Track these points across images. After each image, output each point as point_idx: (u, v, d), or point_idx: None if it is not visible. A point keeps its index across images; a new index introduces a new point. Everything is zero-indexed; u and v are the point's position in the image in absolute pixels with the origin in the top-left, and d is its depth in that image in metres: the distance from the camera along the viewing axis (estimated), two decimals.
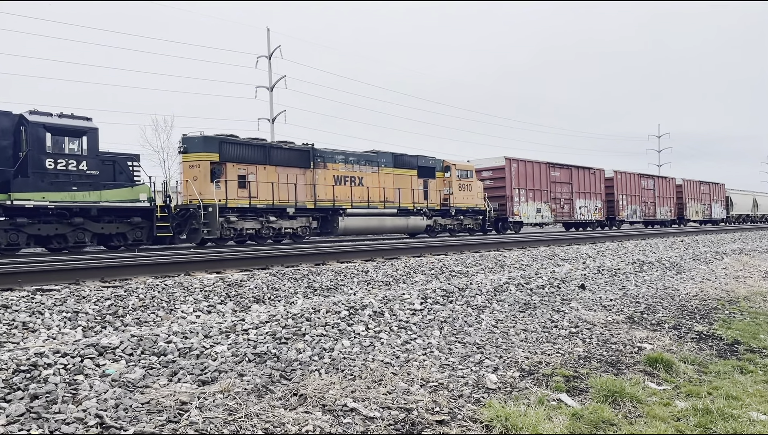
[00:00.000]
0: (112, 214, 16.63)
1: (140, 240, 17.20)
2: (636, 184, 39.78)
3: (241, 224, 19.00)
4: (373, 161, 23.88)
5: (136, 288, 7.67)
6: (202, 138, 18.84)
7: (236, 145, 19.43)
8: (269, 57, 38.33)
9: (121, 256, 12.55)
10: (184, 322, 6.17)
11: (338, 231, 21.73)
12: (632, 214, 39.13)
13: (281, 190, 20.25)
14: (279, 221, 20.10)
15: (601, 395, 4.32)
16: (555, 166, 32.95)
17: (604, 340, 6.17)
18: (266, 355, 4.78)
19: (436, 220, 26.08)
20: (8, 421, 3.32)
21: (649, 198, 41.20)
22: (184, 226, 18.31)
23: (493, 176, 30.05)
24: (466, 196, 27.38)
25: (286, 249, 14.34)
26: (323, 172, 21.77)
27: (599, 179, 36.12)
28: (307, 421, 3.52)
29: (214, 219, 17.78)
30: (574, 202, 33.83)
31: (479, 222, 28.05)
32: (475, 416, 3.80)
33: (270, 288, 8.38)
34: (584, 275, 10.38)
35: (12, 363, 4.05)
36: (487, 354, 5.30)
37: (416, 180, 25.42)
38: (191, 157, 18.77)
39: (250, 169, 19.57)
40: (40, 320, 5.92)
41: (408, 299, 6.98)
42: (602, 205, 36.20)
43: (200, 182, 18.44)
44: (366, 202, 23.07)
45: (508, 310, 7.22)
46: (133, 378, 4.09)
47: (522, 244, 18.03)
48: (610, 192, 37.34)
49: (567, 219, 33.59)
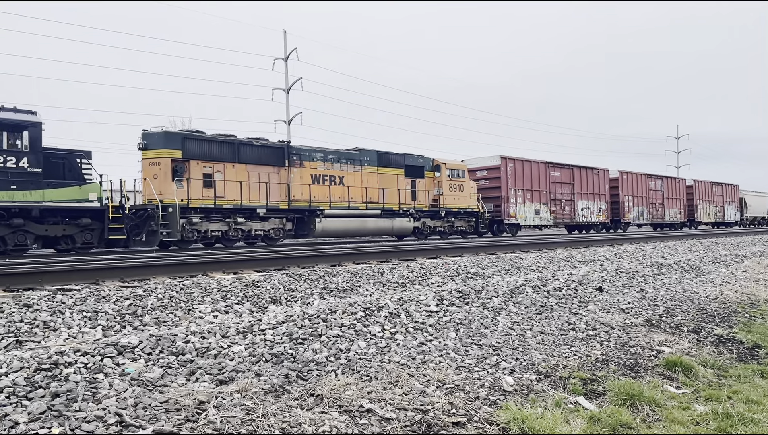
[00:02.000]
0: (57, 215, 15.35)
1: (90, 243, 15.89)
2: (643, 184, 38.43)
3: (206, 226, 17.88)
4: (356, 159, 22.63)
5: (155, 288, 7.75)
6: (163, 133, 17.65)
7: (201, 141, 18.22)
8: (285, 59, 38.49)
9: (139, 256, 12.68)
10: (202, 322, 6.23)
11: (315, 233, 20.59)
12: (639, 216, 37.77)
13: (252, 190, 19.05)
14: (248, 223, 19.00)
15: (619, 398, 4.28)
16: (555, 165, 31.66)
17: (622, 343, 6.11)
18: (283, 355, 4.81)
19: (425, 222, 24.87)
20: (30, 419, 3.37)
21: (657, 199, 39.89)
22: (142, 228, 17.02)
23: (488, 176, 28.81)
24: (458, 196, 26.05)
25: (302, 250, 14.39)
26: (299, 171, 20.58)
27: (603, 180, 34.86)
28: (323, 421, 3.53)
29: (174, 220, 16.64)
30: (576, 203, 32.60)
31: (472, 224, 26.77)
32: (491, 418, 3.79)
33: (286, 289, 8.42)
34: (602, 278, 10.30)
35: (34, 361, 4.11)
36: (503, 356, 5.28)
37: (403, 179, 24.14)
38: (151, 154, 17.49)
39: (216, 167, 18.35)
40: (61, 319, 6.01)
41: (424, 301, 6.97)
42: (606, 206, 34.94)
43: (160, 181, 17.22)
44: (346, 203, 21.79)
45: (525, 312, 7.18)
46: (152, 377, 4.13)
47: (514, 247, 17.90)
48: (615, 193, 35.94)
49: (568, 221, 32.39)
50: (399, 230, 23.76)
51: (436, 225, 25.34)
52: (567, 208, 32.04)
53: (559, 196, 31.56)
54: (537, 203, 29.97)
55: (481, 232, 27.05)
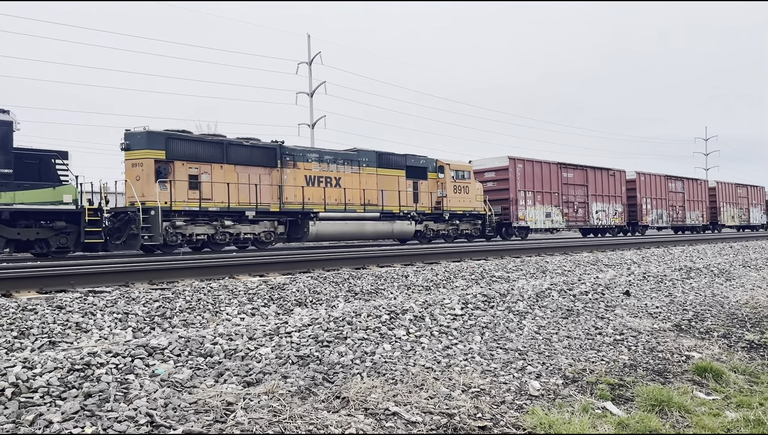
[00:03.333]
0: (30, 218, 14.81)
1: (66, 247, 15.33)
2: (662, 186, 37.13)
3: (191, 229, 17.20)
4: (353, 160, 21.75)
5: (183, 290, 7.86)
6: (146, 133, 16.83)
7: (187, 141, 17.51)
8: (309, 63, 38.77)
9: (167, 259, 12.87)
10: (229, 324, 6.31)
11: (309, 237, 19.81)
12: (658, 218, 36.51)
13: (241, 192, 18.35)
14: (237, 226, 18.26)
15: (648, 404, 4.23)
16: (567, 166, 30.61)
17: (650, 348, 6.04)
18: (309, 357, 4.85)
19: (427, 225, 23.93)
20: (63, 419, 3.44)
21: (678, 202, 38.58)
22: (124, 232, 16.46)
23: (496, 178, 27.83)
24: (462, 198, 25.09)
25: (327, 253, 14.47)
26: (293, 172, 19.82)
27: (619, 181, 33.65)
28: (349, 423, 3.56)
29: (156, 223, 15.99)
30: (590, 205, 31.46)
31: (478, 227, 25.76)
32: (518, 423, 3.78)
33: (312, 291, 8.48)
34: (629, 281, 10.17)
35: (67, 362, 4.20)
36: (529, 360, 5.25)
37: (404, 181, 23.16)
38: (133, 154, 16.83)
39: (203, 169, 17.65)
40: (93, 321, 6.13)
41: (448, 304, 6.97)
42: (623, 209, 33.77)
43: (143, 183, 16.57)
44: (343, 205, 20.95)
45: (551, 316, 7.13)
46: (181, 378, 4.20)
47: (538, 250, 17.74)
48: (632, 195, 34.70)
49: (582, 224, 31.38)
50: (399, 234, 22.90)
51: (439, 228, 24.45)
52: (580, 210, 31.07)
53: (572, 199, 30.59)
54: (548, 205, 28.99)
55: (489, 236, 26.23)
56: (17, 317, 6.01)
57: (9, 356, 4.96)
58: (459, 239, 25.15)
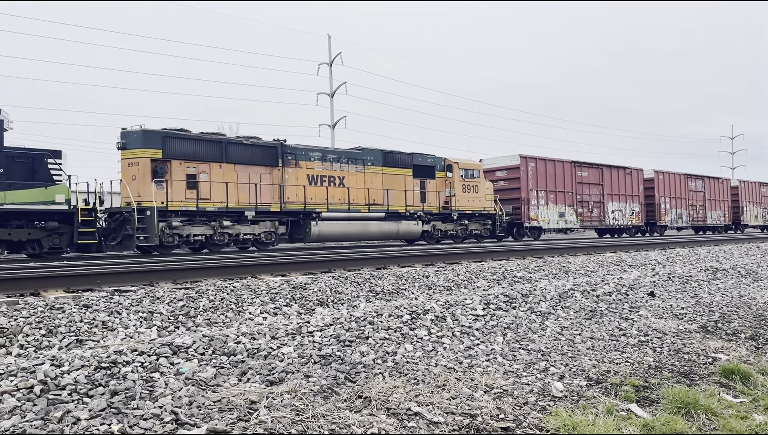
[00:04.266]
0: (21, 218, 14.59)
1: (59, 248, 15.12)
2: (682, 185, 36.23)
3: (188, 230, 16.88)
4: (358, 159, 21.32)
5: (207, 290, 7.94)
6: (142, 132, 16.51)
7: (184, 140, 17.17)
8: (330, 64, 38.92)
9: (191, 258, 13.01)
10: (252, 323, 6.36)
11: (311, 237, 19.41)
12: (677, 218, 35.61)
13: (240, 192, 18.02)
14: (236, 226, 17.90)
15: (674, 406, 4.17)
16: (582, 165, 29.95)
17: (675, 349, 5.95)
18: (331, 357, 4.87)
19: (435, 226, 23.41)
20: (91, 416, 3.50)
21: (698, 201, 37.58)
22: (119, 232, 16.17)
23: (507, 177, 27.26)
24: (472, 198, 24.52)
25: (348, 253, 14.51)
26: (294, 171, 19.45)
27: (637, 180, 32.86)
28: (372, 423, 3.56)
29: (152, 224, 15.73)
30: (606, 205, 30.78)
31: (488, 227, 25.23)
32: (541, 424, 3.75)
33: (333, 291, 8.51)
34: (653, 282, 10.04)
35: (94, 360, 4.27)
36: (552, 361, 5.21)
37: (411, 180, 22.70)
38: (130, 153, 16.55)
39: (201, 168, 17.36)
40: (118, 320, 6.22)
41: (470, 304, 6.94)
42: (640, 208, 32.98)
43: (139, 182, 16.31)
44: (346, 205, 20.52)
45: (574, 317, 7.07)
46: (205, 377, 4.25)
47: (561, 250, 17.56)
48: (650, 194, 33.97)
49: (597, 224, 30.68)
50: (405, 234, 22.44)
51: (447, 228, 23.91)
52: (596, 210, 30.35)
53: (587, 198, 29.90)
54: (561, 205, 28.36)
55: (499, 236, 25.68)
56: (45, 316, 6.13)
57: (38, 354, 5.06)
58: (469, 240, 24.63)
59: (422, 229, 22.70)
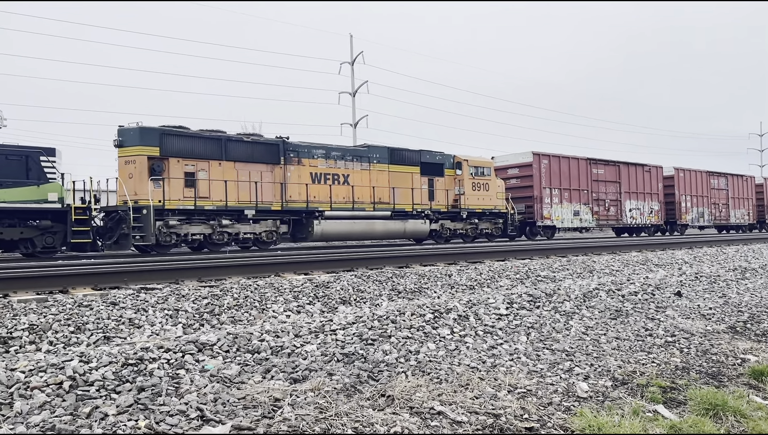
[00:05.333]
0: (14, 217, 14.41)
1: (52, 247, 14.88)
2: (703, 183, 35.08)
3: (186, 229, 16.56)
4: (363, 156, 20.84)
5: (231, 288, 8.02)
6: (139, 129, 16.23)
7: (182, 137, 16.84)
8: (352, 63, 38.99)
9: (215, 257, 13.13)
10: (276, 321, 6.41)
11: (314, 236, 18.98)
12: (698, 217, 34.54)
13: (241, 190, 17.63)
14: (236, 225, 17.52)
15: (701, 408, 4.10)
16: (598, 162, 29.07)
17: (703, 350, 5.85)
18: (354, 355, 4.88)
19: (443, 224, 22.85)
20: (118, 411, 3.55)
21: (721, 199, 36.40)
22: (116, 231, 15.87)
23: (520, 174, 26.55)
24: (482, 196, 23.87)
25: (370, 252, 14.53)
26: (297, 169, 19.04)
27: (656, 177, 31.91)
28: (395, 422, 3.56)
29: (148, 222, 15.44)
30: (623, 203, 29.91)
31: (499, 226, 24.57)
32: (565, 425, 3.72)
33: (355, 290, 8.53)
34: (680, 282, 9.88)
35: (121, 357, 4.34)
36: (576, 361, 5.16)
37: (419, 178, 22.18)
38: (126, 151, 16.28)
39: (200, 166, 17.03)
40: (145, 317, 6.32)
41: (493, 304, 6.91)
42: (660, 207, 32.05)
43: (136, 180, 16.02)
44: (350, 203, 20.07)
45: (599, 316, 6.99)
46: (229, 374, 4.28)
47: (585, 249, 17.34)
48: (670, 192, 33.03)
49: (614, 223, 29.90)
50: (412, 233, 21.97)
51: (456, 227, 23.35)
52: (612, 208, 29.52)
53: (603, 196, 29.04)
54: (576, 203, 27.62)
55: (511, 235, 25.04)
56: (74, 313, 6.24)
57: (66, 350, 5.16)
58: (479, 239, 24.13)
59: (430, 228, 22.27)
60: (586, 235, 31.24)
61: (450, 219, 23.23)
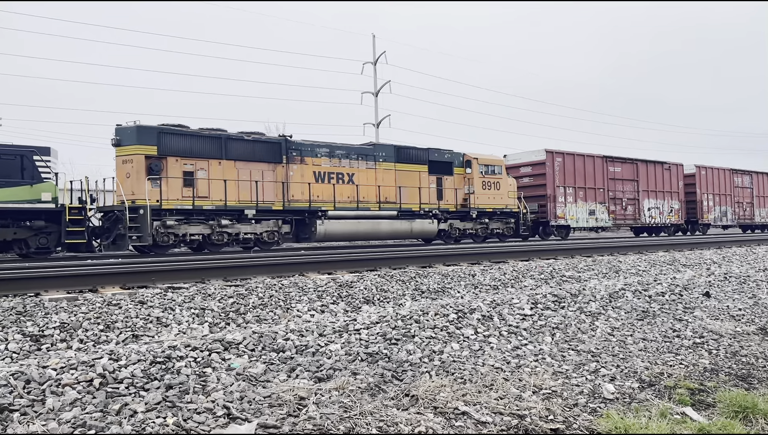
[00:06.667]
0: (6, 217, 14.29)
1: (46, 247, 14.75)
2: (727, 181, 33.97)
3: (184, 229, 16.35)
4: (369, 155, 20.53)
5: (256, 287, 8.10)
6: (136, 128, 16.00)
7: (181, 136, 16.63)
8: (374, 63, 39.05)
9: (240, 256, 13.26)
10: (300, 320, 6.45)
11: (317, 236, 18.65)
12: (721, 216, 33.48)
13: (241, 189, 17.43)
14: (236, 225, 17.26)
15: (731, 411, 4.04)
16: (615, 160, 28.36)
17: (732, 352, 5.75)
18: (377, 355, 4.89)
19: (452, 224, 22.43)
20: (147, 409, 3.61)
21: (745, 198, 35.20)
22: (113, 231, 15.75)
23: (533, 172, 25.95)
24: (492, 195, 23.38)
25: (394, 252, 14.54)
26: (300, 168, 18.78)
27: (676, 176, 31.00)
28: (419, 422, 3.57)
29: (144, 223, 15.27)
30: (641, 202, 29.12)
31: (511, 226, 24.11)
32: (591, 426, 3.69)
33: (379, 289, 8.55)
34: (709, 282, 9.71)
35: (149, 355, 4.41)
36: (602, 363, 5.11)
37: (427, 177, 21.82)
38: (124, 150, 16.08)
39: (200, 165, 16.81)
40: (172, 316, 6.41)
41: (517, 304, 6.87)
42: (680, 206, 31.13)
43: (133, 180, 15.84)
44: (355, 203, 19.74)
45: (625, 317, 6.91)
46: (255, 372, 4.33)
47: (611, 249, 17.11)
48: (691, 190, 32.04)
49: (631, 222, 29.10)
50: (419, 233, 21.55)
51: (466, 227, 22.87)
52: (630, 207, 28.74)
53: (620, 195, 28.28)
54: (592, 202, 26.93)
55: (524, 235, 24.51)
56: (103, 311, 6.36)
57: (96, 348, 5.26)
58: (490, 239, 23.72)
59: (438, 227, 21.86)
60: (609, 235, 30.76)
61: (459, 219, 22.85)
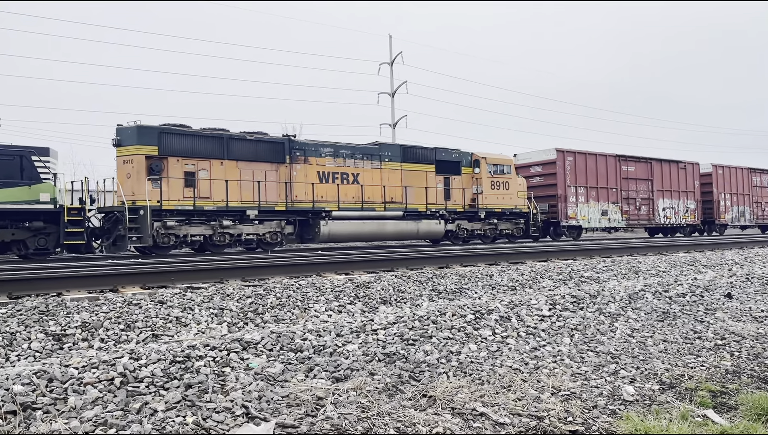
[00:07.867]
0: (4, 218, 14.15)
1: (45, 248, 14.59)
2: (744, 180, 33.12)
3: (185, 230, 16.08)
4: (374, 155, 20.18)
5: (274, 287, 8.14)
6: (137, 128, 15.78)
7: (182, 136, 16.37)
8: (391, 63, 39.04)
9: (258, 257, 13.34)
10: (317, 320, 6.47)
11: (320, 237, 18.32)
12: (739, 216, 32.66)
13: (243, 189, 17.15)
14: (238, 226, 16.98)
15: (753, 413, 3.98)
16: (628, 159, 27.71)
17: (755, 353, 5.66)
18: (395, 355, 4.89)
19: (460, 225, 21.95)
20: (167, 407, 3.65)
21: (764, 197, 34.34)
22: (113, 232, 15.60)
23: (543, 172, 25.43)
24: (501, 195, 22.88)
25: (410, 252, 14.54)
26: (303, 168, 18.45)
27: (692, 175, 30.27)
28: (437, 423, 3.56)
29: (145, 223, 15.07)
30: (656, 202, 28.42)
31: (521, 226, 23.61)
32: (611, 428, 3.65)
33: (396, 290, 8.55)
34: (730, 283, 9.57)
35: (169, 354, 4.45)
36: (622, 364, 5.06)
37: (434, 177, 21.36)
38: (124, 151, 15.87)
39: (201, 165, 16.55)
40: (191, 316, 6.47)
41: (535, 305, 6.83)
42: (696, 206, 30.39)
43: (133, 180, 15.64)
44: (359, 203, 19.42)
45: (645, 318, 6.84)
46: (273, 372, 4.35)
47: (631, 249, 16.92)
48: (708, 190, 31.26)
49: (645, 223, 28.48)
50: (426, 234, 21.16)
51: (474, 228, 22.43)
52: (644, 207, 28.03)
53: (633, 194, 27.61)
54: (604, 202, 26.31)
55: (534, 236, 23.99)
56: (124, 311, 6.44)
57: (117, 348, 5.33)
58: (499, 240, 23.30)
59: (446, 228, 21.46)
60: (625, 235, 30.21)
61: (467, 219, 22.43)
